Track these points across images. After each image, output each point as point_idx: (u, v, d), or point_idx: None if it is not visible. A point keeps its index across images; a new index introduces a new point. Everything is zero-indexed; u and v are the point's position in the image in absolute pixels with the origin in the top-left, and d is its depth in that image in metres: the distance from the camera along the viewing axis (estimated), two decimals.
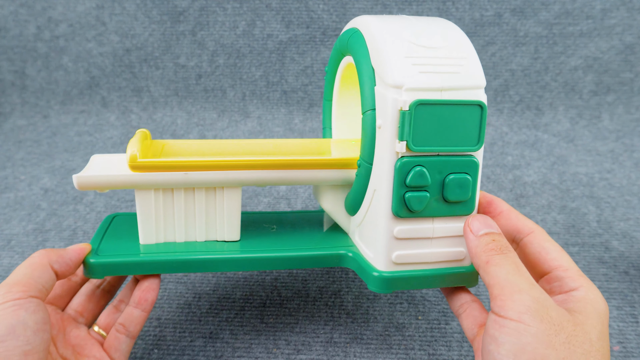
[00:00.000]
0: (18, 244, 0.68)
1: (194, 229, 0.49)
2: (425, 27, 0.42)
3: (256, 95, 1.03)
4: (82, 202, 0.77)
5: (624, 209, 0.73)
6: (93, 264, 0.44)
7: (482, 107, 0.39)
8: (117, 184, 0.45)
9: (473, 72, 0.40)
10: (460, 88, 0.39)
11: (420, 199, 0.40)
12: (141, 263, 0.45)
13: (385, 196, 0.41)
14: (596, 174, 0.82)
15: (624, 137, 0.94)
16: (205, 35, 1.02)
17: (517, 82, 1.00)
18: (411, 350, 0.51)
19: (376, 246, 0.43)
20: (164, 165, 0.44)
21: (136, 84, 1.05)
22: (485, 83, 0.40)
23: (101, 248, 0.46)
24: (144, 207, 0.46)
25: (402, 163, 0.39)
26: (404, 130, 0.38)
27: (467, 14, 0.99)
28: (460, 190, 0.41)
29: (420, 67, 0.39)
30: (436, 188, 0.41)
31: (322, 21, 1.00)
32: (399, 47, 0.40)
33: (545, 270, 0.37)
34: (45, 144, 0.96)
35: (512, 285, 0.32)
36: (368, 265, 0.44)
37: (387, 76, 0.39)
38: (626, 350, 0.51)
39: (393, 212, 0.41)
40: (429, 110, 0.39)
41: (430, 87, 0.39)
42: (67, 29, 1.03)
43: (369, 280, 0.43)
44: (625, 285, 0.59)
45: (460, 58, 0.40)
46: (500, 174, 0.83)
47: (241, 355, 0.51)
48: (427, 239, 0.43)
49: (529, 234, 0.39)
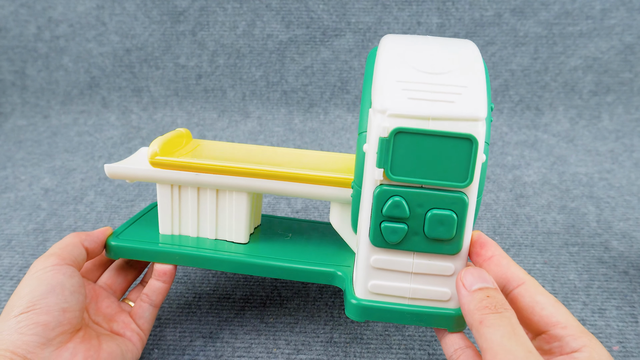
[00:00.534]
0: (18, 244, 0.68)
1: (204, 227, 0.53)
2: (439, 49, 0.40)
3: (256, 95, 1.03)
4: (82, 202, 0.77)
5: (623, 209, 0.73)
6: (111, 246, 0.49)
7: (472, 140, 0.36)
8: (139, 177, 0.50)
9: (472, 102, 0.36)
10: (451, 118, 0.36)
11: (395, 231, 0.39)
12: (150, 252, 0.50)
13: (365, 223, 0.39)
14: (596, 174, 0.83)
15: (623, 137, 0.94)
16: (206, 35, 1.02)
17: (517, 82, 1.01)
18: (411, 350, 0.51)
19: (357, 273, 0.42)
20: (177, 164, 0.49)
21: (136, 84, 1.05)
22: (485, 115, 0.36)
23: (125, 232, 0.52)
24: (163, 199, 0.51)
25: (380, 191, 0.38)
26: (382, 156, 0.36)
27: (467, 14, 0.99)
28: (443, 227, 0.38)
29: (411, 93, 0.36)
30: (417, 222, 0.38)
31: (322, 21, 1.00)
32: (396, 70, 0.38)
33: (542, 328, 0.34)
34: (45, 144, 0.96)
35: (507, 352, 0.29)
36: (350, 289, 0.43)
37: (376, 100, 0.37)
38: (626, 350, 0.51)
39: (370, 240, 0.39)
40: (410, 140, 0.36)
41: (415, 115, 0.36)
42: (67, 29, 1.03)
43: (346, 304, 0.42)
44: (625, 285, 0.59)
45: (462, 86, 0.37)
46: (500, 174, 0.83)
47: (241, 355, 0.51)
48: (406, 273, 0.40)
49: (520, 285, 0.35)
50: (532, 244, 0.66)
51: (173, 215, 0.52)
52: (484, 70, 0.38)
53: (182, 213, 0.52)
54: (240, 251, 0.51)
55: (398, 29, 1.00)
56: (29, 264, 0.64)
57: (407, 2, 0.99)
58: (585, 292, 0.58)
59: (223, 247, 0.51)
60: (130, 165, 0.50)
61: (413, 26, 1.00)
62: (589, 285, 0.59)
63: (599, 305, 0.56)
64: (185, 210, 0.52)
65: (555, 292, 0.58)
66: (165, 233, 0.52)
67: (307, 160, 0.53)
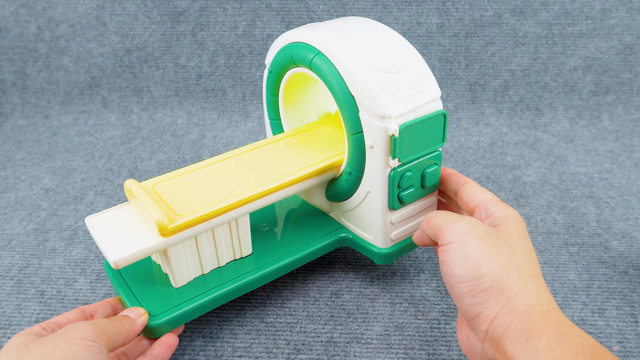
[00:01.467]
0: (19, 244, 0.68)
1: (217, 258, 0.53)
2: (379, 46, 0.51)
3: (256, 95, 1.03)
4: (82, 202, 0.77)
5: (623, 209, 0.73)
6: (155, 326, 0.46)
7: (444, 115, 0.50)
8: (152, 252, 0.46)
9: (431, 87, 0.50)
10: (426, 103, 0.49)
11: (410, 194, 0.52)
12: (194, 310, 0.49)
13: (381, 196, 0.51)
14: (596, 174, 0.83)
15: (623, 137, 0.95)
16: (206, 35, 1.02)
17: (517, 82, 1.01)
18: (411, 350, 0.51)
19: (376, 231, 0.54)
20: (192, 222, 0.47)
21: (137, 84, 1.05)
22: (440, 92, 0.50)
23: (149, 307, 0.48)
24: (175, 258, 0.49)
25: (396, 173, 0.49)
26: (395, 150, 0.48)
27: (467, 14, 0.99)
28: (434, 177, 0.53)
29: (397, 95, 0.48)
30: (417, 181, 0.52)
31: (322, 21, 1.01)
32: (374, 78, 0.48)
33: (473, 206, 0.47)
34: (45, 144, 0.96)
35: (448, 222, 0.43)
36: (370, 245, 0.55)
37: (373, 107, 0.47)
38: (626, 350, 0.51)
39: (390, 206, 0.52)
40: (410, 129, 0.48)
41: (408, 111, 0.48)
42: (67, 29, 1.04)
43: (374, 257, 0.55)
44: (625, 285, 0.59)
45: (419, 77, 0.50)
46: (500, 174, 0.83)
47: (241, 355, 0.51)
48: (411, 217, 0.55)
49: (463, 184, 0.50)
50: (532, 243, 0.66)
51: (187, 266, 0.50)
52: (416, 52, 0.52)
53: (191, 259, 0.51)
54: (259, 262, 0.54)
55: (398, 29, 1.00)
56: (29, 264, 0.64)
57: (407, 2, 0.99)
58: (585, 292, 0.58)
59: (243, 268, 0.53)
60: (139, 248, 0.45)
61: (413, 26, 1.00)
62: (589, 285, 0.59)
63: (599, 305, 0.57)
64: (193, 256, 0.51)
65: (555, 292, 0.59)
66: (182, 285, 0.51)
67: (286, 154, 0.57)
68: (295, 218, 0.61)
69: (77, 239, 0.69)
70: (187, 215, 0.46)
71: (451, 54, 1.01)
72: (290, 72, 0.56)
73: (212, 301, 0.49)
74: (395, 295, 0.58)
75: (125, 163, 0.89)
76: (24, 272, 0.63)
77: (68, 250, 0.67)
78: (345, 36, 0.51)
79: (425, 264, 0.62)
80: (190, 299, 0.49)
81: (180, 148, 0.93)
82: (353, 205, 0.55)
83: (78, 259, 0.65)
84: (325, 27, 0.53)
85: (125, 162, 0.89)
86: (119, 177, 0.84)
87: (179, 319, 0.48)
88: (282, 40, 0.55)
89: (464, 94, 1.01)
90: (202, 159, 0.89)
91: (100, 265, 0.64)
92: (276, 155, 0.57)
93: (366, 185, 0.52)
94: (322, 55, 0.50)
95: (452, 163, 0.87)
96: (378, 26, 0.54)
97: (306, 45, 0.51)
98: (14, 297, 0.59)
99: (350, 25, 0.53)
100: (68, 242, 0.68)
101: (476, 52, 1.00)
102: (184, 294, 0.49)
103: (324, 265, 0.62)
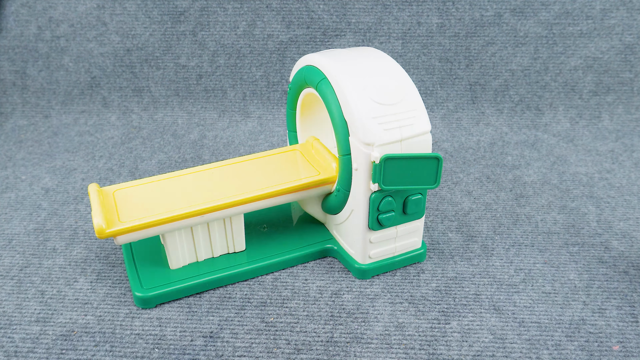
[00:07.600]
0: (19, 244, 0.68)
1: (211, 249, 0.61)
2: (380, 79, 0.54)
3: (257, 95, 1.03)
4: (82, 202, 0.77)
5: (623, 209, 0.73)
6: (145, 297, 0.55)
7: (438, 159, 0.52)
8: (153, 233, 0.56)
9: (421, 121, 0.53)
10: (413, 136, 0.52)
11: (389, 218, 0.55)
12: (187, 288, 0.57)
13: (363, 216, 0.56)
14: (596, 174, 0.83)
15: (623, 137, 0.95)
16: (206, 35, 1.02)
17: (517, 82, 1.01)
18: (411, 350, 0.51)
19: (356, 247, 0.59)
20: (130, 229, 0.53)
21: (137, 84, 1.05)
22: (430, 127, 0.54)
23: (144, 280, 0.57)
24: (171, 243, 0.57)
25: (375, 196, 0.53)
26: (376, 175, 0.51)
27: (467, 14, 0.99)
28: (416, 206, 0.56)
29: (385, 125, 0.51)
30: (399, 206, 0.55)
31: (322, 21, 1.01)
32: (366, 108, 0.51)
33: None
34: (46, 144, 0.96)
35: None
36: (351, 258, 0.60)
37: (360, 134, 0.51)
38: (626, 350, 0.51)
39: (369, 227, 0.56)
40: (395, 162, 0.50)
41: (392, 141, 0.51)
42: (68, 29, 1.04)
43: (352, 270, 0.60)
44: (625, 285, 0.59)
45: (412, 110, 0.53)
46: (500, 174, 0.83)
47: (242, 355, 0.51)
48: (392, 239, 0.58)
49: None
50: (532, 243, 0.66)
51: (182, 252, 0.59)
52: (415, 89, 0.54)
53: (187, 247, 0.59)
54: (249, 258, 0.61)
55: (398, 29, 1.00)
56: (29, 263, 0.64)
57: (407, 2, 0.99)
58: (586, 292, 0.58)
59: (233, 261, 0.60)
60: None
61: (413, 26, 1.00)
62: (589, 285, 0.59)
63: (599, 305, 0.57)
64: (188, 243, 0.59)
65: (555, 292, 0.59)
66: (177, 267, 0.59)
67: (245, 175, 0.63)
68: (294, 224, 0.67)
69: (77, 238, 0.69)
70: (127, 222, 0.53)
71: (451, 54, 1.01)
72: (305, 90, 0.62)
73: (199, 284, 0.57)
74: (395, 295, 0.58)
75: (125, 163, 0.89)
76: (24, 271, 0.63)
77: (68, 250, 0.67)
78: (351, 66, 0.55)
79: (426, 264, 0.62)
80: (181, 279, 0.57)
81: (181, 148, 0.93)
82: (341, 220, 0.60)
83: (78, 259, 0.65)
84: (338, 55, 0.58)
85: (125, 162, 0.89)
86: (119, 177, 0.84)
87: (168, 294, 0.56)
88: (303, 62, 0.61)
89: (464, 94, 1.01)
90: (202, 159, 0.89)
91: (100, 265, 0.64)
92: (236, 175, 0.63)
93: (352, 204, 0.57)
94: (327, 81, 0.55)
95: (452, 163, 0.87)
96: (386, 60, 0.57)
97: (316, 70, 0.57)
98: (15, 297, 0.59)
99: (360, 56, 0.58)
100: (68, 242, 0.68)
101: (476, 52, 1.00)
102: (176, 275, 0.58)
103: (324, 265, 0.62)
